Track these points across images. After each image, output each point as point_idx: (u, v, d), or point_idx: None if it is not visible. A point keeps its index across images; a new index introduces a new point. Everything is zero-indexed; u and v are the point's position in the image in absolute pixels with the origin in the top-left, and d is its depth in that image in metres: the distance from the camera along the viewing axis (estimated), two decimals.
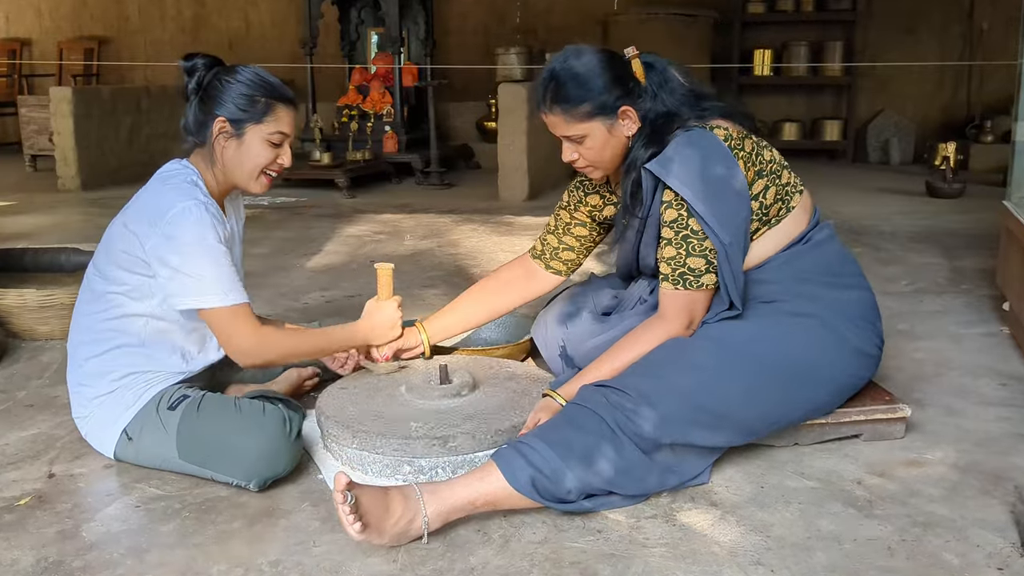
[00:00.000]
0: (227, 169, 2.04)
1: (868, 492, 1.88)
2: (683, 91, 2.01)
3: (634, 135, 2.00)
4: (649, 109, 1.99)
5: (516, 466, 1.71)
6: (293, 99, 2.07)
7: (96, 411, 2.01)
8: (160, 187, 1.99)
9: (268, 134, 2.01)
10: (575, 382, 1.98)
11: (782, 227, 2.05)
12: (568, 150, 2.05)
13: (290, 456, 1.92)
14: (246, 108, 1.99)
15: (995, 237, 4.24)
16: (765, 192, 2.00)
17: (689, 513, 1.79)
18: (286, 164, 2.08)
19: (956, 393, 2.42)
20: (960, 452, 2.06)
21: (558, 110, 1.97)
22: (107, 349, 2.00)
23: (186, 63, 2.03)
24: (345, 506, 1.57)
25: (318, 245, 4.52)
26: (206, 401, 1.97)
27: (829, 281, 2.06)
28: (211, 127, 2.00)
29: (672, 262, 1.95)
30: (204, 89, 2.01)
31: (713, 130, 1.95)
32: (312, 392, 2.44)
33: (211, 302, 1.92)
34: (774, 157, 2.05)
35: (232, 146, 2.01)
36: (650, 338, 1.96)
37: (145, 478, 1.97)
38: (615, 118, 1.97)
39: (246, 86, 1.99)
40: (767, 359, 1.91)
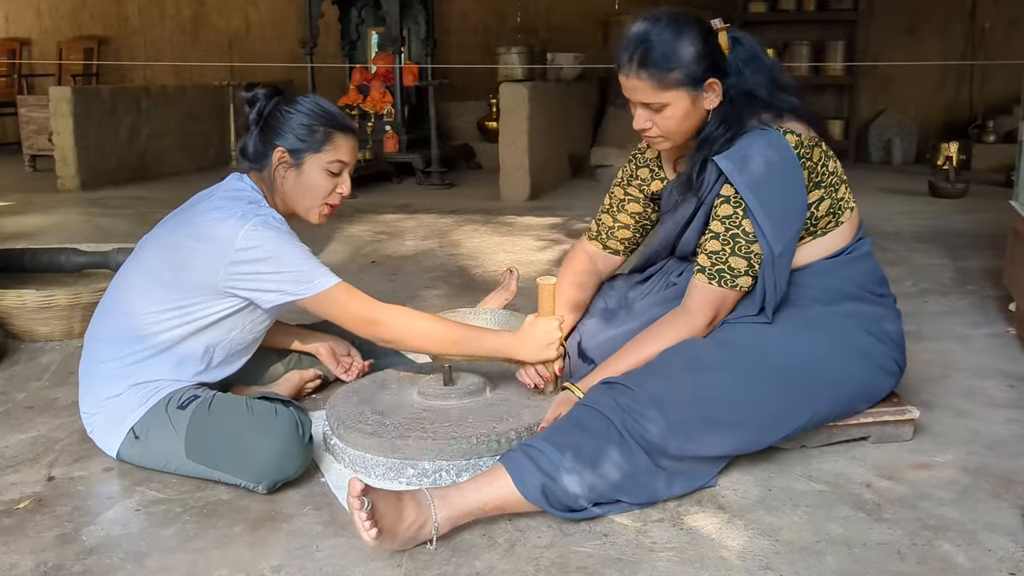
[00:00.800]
0: (287, 199, 2.06)
1: (877, 495, 1.85)
2: (765, 72, 1.95)
3: (714, 109, 1.93)
4: (732, 84, 1.93)
5: (526, 471, 1.69)
6: (353, 128, 2.09)
7: (106, 409, 1.99)
8: (222, 207, 1.97)
9: (327, 163, 2.03)
10: (594, 376, 1.96)
11: (826, 239, 2.01)
12: (642, 117, 1.95)
13: (301, 459, 1.90)
14: (305, 138, 2.01)
15: (1000, 237, 4.22)
16: (819, 204, 1.96)
17: (696, 517, 1.77)
18: (346, 193, 2.09)
19: (964, 395, 2.40)
20: (970, 454, 2.04)
21: (645, 75, 1.88)
22: (138, 356, 1.97)
23: (247, 94, 2.06)
24: (362, 512, 1.55)
25: (319, 245, 4.50)
26: (217, 401, 1.95)
27: (860, 295, 2.03)
28: (271, 157, 2.02)
29: (714, 256, 1.91)
30: (265, 119, 2.04)
31: (786, 135, 1.90)
32: (314, 394, 2.43)
33: (321, 284, 1.92)
34: (836, 169, 2.00)
35: (291, 176, 2.03)
36: (672, 333, 1.93)
37: (146, 481, 1.95)
38: (700, 90, 1.90)
39: (305, 116, 2.02)
40: (783, 368, 1.87)
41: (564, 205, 5.48)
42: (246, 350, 2.13)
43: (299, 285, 1.93)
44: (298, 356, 2.44)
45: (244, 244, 1.90)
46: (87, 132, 6.52)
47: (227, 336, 2.04)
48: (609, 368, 1.96)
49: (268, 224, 1.93)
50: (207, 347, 2.03)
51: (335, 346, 2.41)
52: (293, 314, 2.48)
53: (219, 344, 2.04)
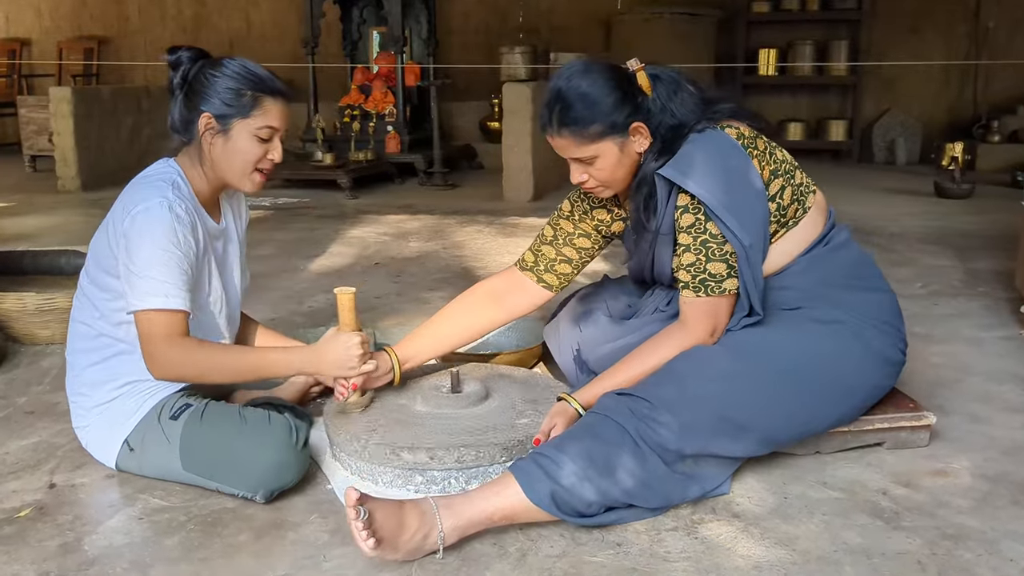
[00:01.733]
0: (216, 167, 1.95)
1: (894, 503, 1.82)
2: (692, 100, 1.93)
3: (645, 150, 1.92)
4: (660, 123, 1.91)
5: (535, 479, 1.66)
6: (283, 91, 1.96)
7: (96, 421, 1.96)
8: (134, 186, 1.93)
9: (256, 129, 1.92)
10: (592, 388, 1.93)
11: (800, 229, 1.99)
12: (577, 172, 1.96)
13: (297, 467, 1.86)
14: (232, 102, 1.89)
15: (1009, 238, 4.20)
16: (782, 192, 1.94)
17: (711, 525, 1.73)
18: (277, 160, 1.97)
19: (979, 399, 2.36)
20: (987, 461, 2.00)
21: (567, 132, 1.88)
22: (106, 357, 1.94)
23: (170, 56, 1.94)
24: (358, 522, 1.52)
25: (322, 247, 4.46)
26: (209, 410, 1.91)
27: (851, 284, 2.01)
28: (197, 123, 1.92)
29: (692, 268, 1.88)
30: (189, 84, 1.93)
31: (724, 130, 1.90)
32: (319, 399, 2.39)
33: (148, 303, 1.79)
34: (785, 157, 1.99)
35: (219, 143, 1.92)
36: (672, 346, 1.90)
37: (149, 488, 1.91)
38: (626, 135, 1.89)
39: (231, 79, 1.90)
40: (791, 367, 1.85)
41: None
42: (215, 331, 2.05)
43: (131, 290, 1.82)
44: None
45: (134, 217, 1.82)
46: (88, 133, 6.48)
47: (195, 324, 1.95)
48: (608, 379, 1.92)
49: (161, 209, 1.82)
50: None
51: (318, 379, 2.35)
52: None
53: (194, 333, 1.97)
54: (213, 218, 2.03)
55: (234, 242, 2.12)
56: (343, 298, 1.97)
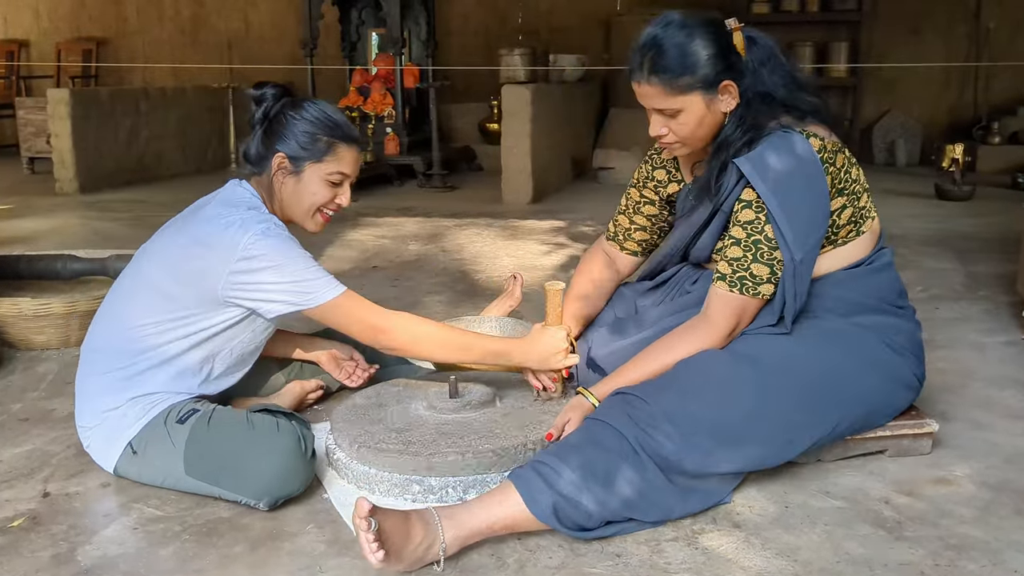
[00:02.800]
0: (284, 205, 2.02)
1: (897, 512, 1.80)
2: (783, 72, 1.89)
3: (731, 111, 1.88)
4: (749, 86, 1.87)
5: (536, 491, 1.64)
6: (357, 139, 2.04)
7: (103, 423, 1.93)
8: (223, 214, 1.92)
9: (327, 174, 1.99)
10: (609, 382, 1.92)
11: (846, 249, 1.96)
12: (657, 123, 1.90)
13: (304, 475, 1.85)
14: (307, 146, 1.96)
15: (1010, 241, 4.18)
16: (841, 212, 1.90)
17: (712, 536, 1.71)
18: (344, 204, 2.06)
19: (982, 405, 2.34)
20: (990, 469, 1.98)
21: (656, 80, 1.83)
22: (136, 368, 1.91)
23: (255, 92, 2.01)
24: (369, 533, 1.50)
25: (320, 250, 4.44)
26: (217, 415, 1.90)
27: (880, 307, 1.98)
28: (271, 161, 1.97)
29: (735, 263, 1.85)
30: (269, 122, 1.99)
31: (809, 138, 1.84)
32: (316, 405, 2.37)
33: (326, 294, 1.88)
34: (859, 177, 1.94)
35: (290, 183, 1.99)
36: (691, 342, 1.87)
37: (144, 497, 1.89)
38: (715, 93, 1.84)
39: (309, 123, 1.97)
40: (801, 382, 1.82)
41: (567, 208, 5.43)
42: (246, 360, 2.08)
43: (304, 296, 1.88)
44: (299, 365, 2.38)
45: (246, 253, 1.85)
46: (85, 134, 6.46)
47: (227, 346, 1.99)
48: (624, 376, 1.91)
49: (270, 232, 1.88)
50: (207, 358, 1.97)
51: (338, 352, 2.36)
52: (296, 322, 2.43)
53: (219, 355, 1.99)
54: None
55: None
56: (552, 293, 2.02)
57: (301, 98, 2.02)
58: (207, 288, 1.88)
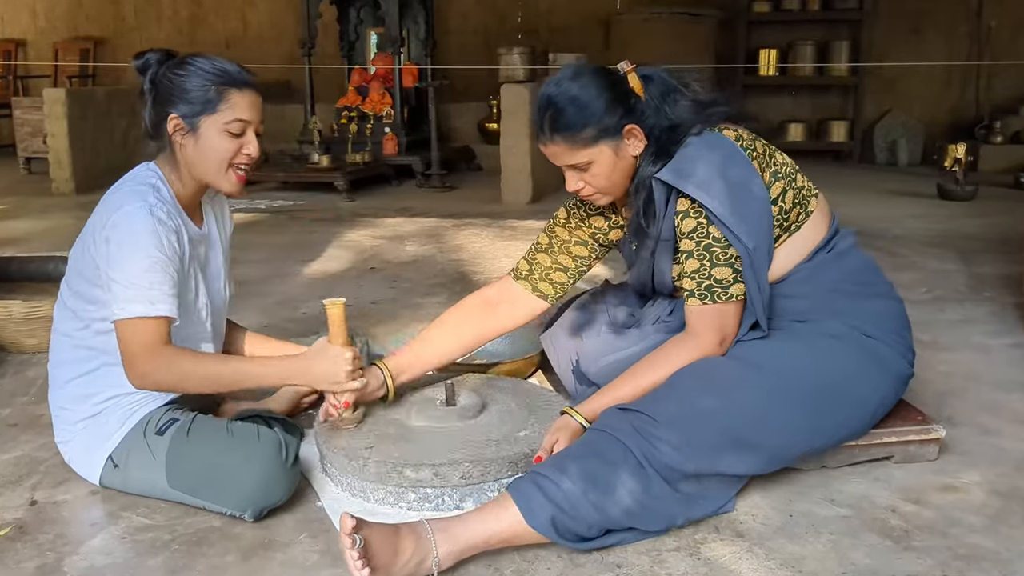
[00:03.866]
0: (191, 168, 1.89)
1: (904, 521, 1.76)
2: (686, 100, 1.88)
3: (640, 153, 1.87)
4: (654, 124, 1.86)
5: (535, 503, 1.59)
6: (249, 82, 1.88)
7: (79, 436, 1.89)
8: (114, 192, 1.86)
9: (225, 124, 1.85)
10: (595, 400, 1.87)
11: (803, 233, 1.93)
12: (573, 179, 1.90)
13: (286, 484, 1.80)
14: (196, 100, 1.84)
15: (1013, 241, 4.14)
16: (783, 195, 1.88)
17: (714, 545, 1.67)
18: (253, 154, 1.90)
19: (988, 410, 2.30)
20: (999, 476, 1.94)
21: (559, 139, 1.83)
22: (89, 370, 1.88)
23: (137, 61, 1.89)
24: (354, 551, 1.45)
25: (317, 251, 4.40)
26: (196, 425, 1.85)
27: (857, 291, 1.95)
28: (166, 126, 1.86)
29: (696, 275, 1.82)
30: (156, 87, 1.88)
31: (722, 132, 1.84)
32: (311, 410, 2.32)
33: (131, 311, 1.73)
34: (786, 160, 1.94)
35: (190, 143, 1.86)
36: (680, 357, 1.83)
37: (132, 506, 1.85)
38: (620, 139, 1.84)
39: (195, 76, 1.84)
40: (800, 382, 1.78)
41: None
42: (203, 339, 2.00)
43: (114, 298, 1.76)
44: None
45: (115, 223, 1.76)
46: (82, 134, 6.41)
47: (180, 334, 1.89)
48: (612, 392, 1.86)
49: (137, 215, 1.76)
50: None
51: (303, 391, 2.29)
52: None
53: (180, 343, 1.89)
54: (195, 223, 1.96)
55: (217, 248, 2.06)
56: (332, 310, 1.90)
57: (184, 55, 1.90)
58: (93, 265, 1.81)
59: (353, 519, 1.46)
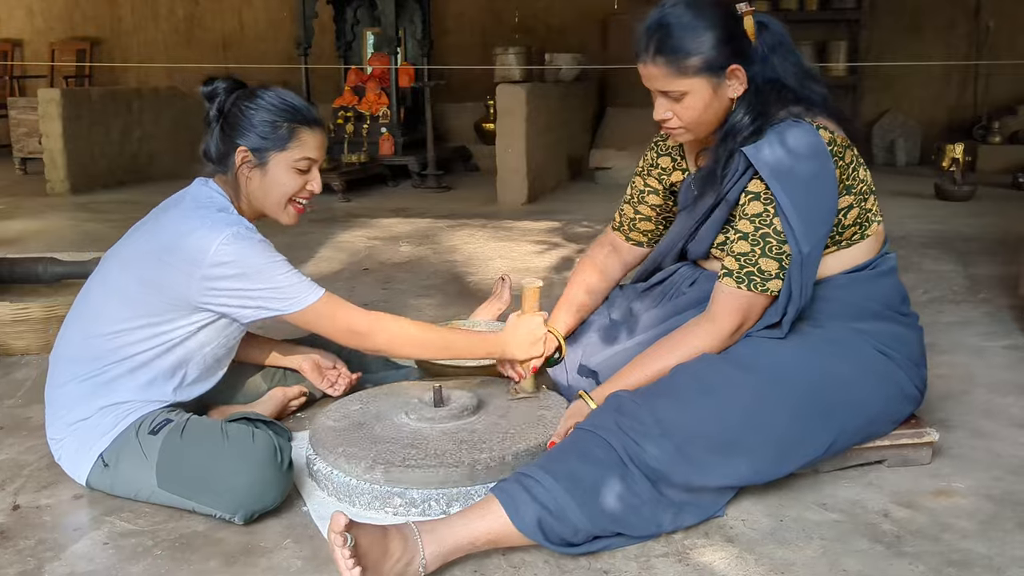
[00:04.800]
0: (253, 200, 1.95)
1: (896, 526, 1.73)
2: (794, 60, 1.84)
3: (738, 98, 1.82)
4: (757, 72, 1.81)
5: (521, 504, 1.57)
6: (319, 120, 1.95)
7: (73, 435, 1.87)
8: (191, 217, 1.85)
9: (294, 161, 1.91)
10: (608, 386, 1.85)
11: (850, 252, 1.90)
12: (662, 107, 1.84)
13: (280, 488, 1.78)
14: (268, 136, 1.88)
15: (1011, 242, 4.12)
16: (848, 211, 1.84)
17: (704, 551, 1.65)
18: (316, 191, 1.99)
19: (983, 413, 2.28)
20: (993, 480, 1.92)
21: (662, 61, 1.77)
22: (105, 376, 1.85)
23: (206, 88, 1.93)
24: (345, 549, 1.44)
25: (311, 252, 4.38)
26: (190, 426, 1.83)
27: (882, 313, 1.91)
28: (233, 157, 1.89)
29: (743, 258, 1.79)
30: (225, 117, 1.91)
31: (819, 129, 1.78)
32: (298, 413, 2.31)
33: (305, 300, 1.83)
34: (866, 178, 1.88)
35: (256, 176, 1.91)
36: (696, 342, 1.81)
37: (116, 510, 1.83)
38: (723, 77, 1.78)
39: (266, 111, 1.88)
40: (799, 391, 1.75)
41: (563, 208, 5.37)
42: (220, 364, 2.01)
43: (281, 301, 1.82)
44: (282, 372, 2.32)
45: (218, 259, 1.78)
46: (77, 135, 6.40)
47: (200, 351, 1.92)
48: (625, 379, 1.85)
49: (241, 236, 1.81)
50: (179, 364, 1.90)
51: (320, 359, 2.29)
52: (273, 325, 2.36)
53: (192, 360, 1.92)
54: None
55: None
56: (529, 291, 2.05)
57: (254, 87, 1.94)
58: (177, 294, 1.81)
59: (345, 518, 1.45)
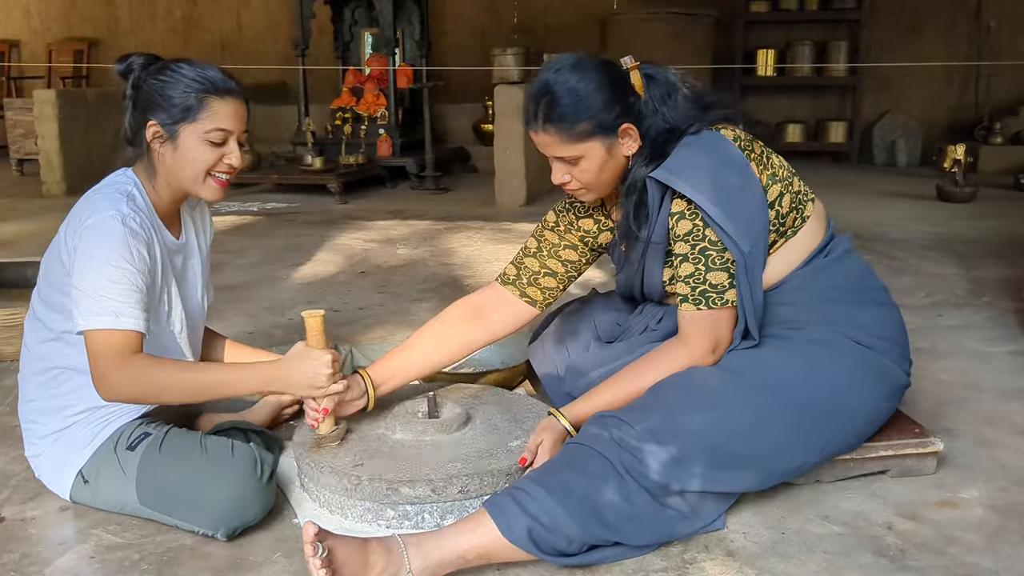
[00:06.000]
0: (169, 176, 1.82)
1: (900, 539, 1.70)
2: (687, 104, 1.81)
3: (634, 154, 1.81)
4: (650, 125, 1.80)
5: (511, 515, 1.53)
6: (231, 89, 1.81)
7: (49, 450, 1.83)
8: (87, 198, 1.79)
9: (205, 133, 1.78)
10: (582, 403, 1.82)
11: (799, 239, 1.87)
12: (560, 171, 1.83)
13: (261, 503, 1.73)
14: (176, 107, 1.77)
15: (1013, 244, 4.08)
16: (780, 199, 1.82)
17: (704, 565, 1.61)
18: (235, 164, 1.84)
19: (987, 421, 2.24)
20: (998, 490, 1.88)
21: (552, 129, 1.76)
22: (60, 383, 1.81)
23: (120, 65, 1.83)
24: (316, 559, 1.40)
25: (307, 254, 4.34)
26: (169, 440, 1.78)
27: (853, 298, 1.88)
28: (144, 133, 1.80)
29: (691, 280, 1.75)
30: (137, 92, 1.81)
31: (720, 131, 1.78)
32: (292, 421, 2.26)
33: (96, 322, 1.65)
34: (783, 163, 1.88)
35: (168, 151, 1.80)
36: (670, 364, 1.77)
37: (103, 523, 1.79)
38: (615, 137, 1.78)
39: (176, 83, 1.77)
40: (791, 393, 1.72)
41: None
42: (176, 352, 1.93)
43: (78, 309, 1.67)
44: None
45: (85, 231, 1.69)
46: (72, 136, 6.35)
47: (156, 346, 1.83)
48: (598, 396, 1.81)
49: (108, 223, 1.69)
50: None
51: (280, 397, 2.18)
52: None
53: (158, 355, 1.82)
54: (172, 232, 1.90)
55: (195, 257, 1.99)
56: (311, 322, 1.81)
57: (168, 60, 1.83)
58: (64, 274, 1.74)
59: (315, 526, 1.41)
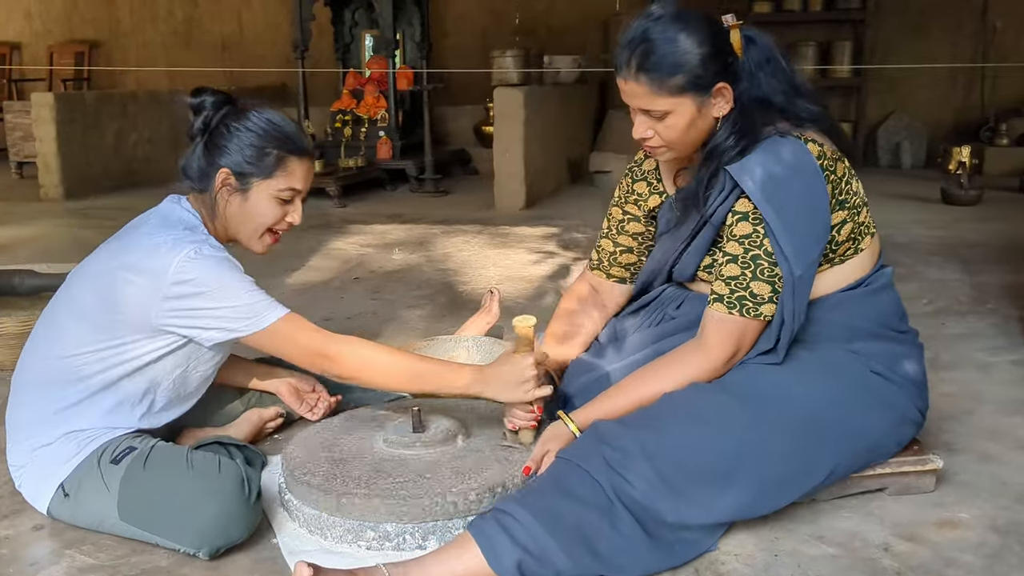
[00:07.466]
0: (228, 225, 1.85)
1: (896, 561, 1.64)
2: (782, 76, 1.74)
3: (723, 117, 1.72)
4: (744, 90, 1.72)
5: (499, 545, 1.48)
6: (309, 150, 1.85)
7: (33, 461, 1.78)
8: (155, 236, 1.76)
9: (277, 191, 1.81)
10: (589, 409, 1.76)
11: (845, 268, 1.81)
12: (642, 125, 1.74)
13: (247, 522, 1.69)
14: (254, 161, 1.78)
15: (1019, 249, 4.02)
16: (841, 227, 1.75)
17: None
18: (295, 223, 1.88)
19: (989, 435, 2.18)
20: (999, 509, 1.82)
21: (644, 79, 1.67)
22: (66, 401, 1.76)
23: (193, 100, 1.82)
24: None
25: (301, 260, 4.29)
26: (155, 454, 1.74)
27: (878, 332, 1.82)
28: (214, 178, 1.79)
29: (733, 282, 1.69)
30: (210, 133, 1.80)
31: (807, 144, 1.69)
32: (275, 435, 2.22)
33: (265, 319, 1.71)
34: (859, 190, 1.79)
35: (236, 201, 1.81)
36: (684, 369, 1.72)
37: (78, 543, 1.74)
38: (708, 96, 1.69)
39: (256, 135, 1.78)
40: (795, 419, 1.65)
41: (561, 214, 5.27)
42: (195, 392, 1.92)
43: (242, 321, 1.72)
44: (258, 393, 2.23)
45: (178, 277, 1.69)
46: (71, 139, 6.32)
47: (170, 376, 1.83)
48: (608, 403, 1.75)
49: (203, 253, 1.71)
50: (147, 389, 1.82)
51: (298, 383, 2.20)
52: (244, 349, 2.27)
53: (161, 385, 1.83)
54: None
55: None
56: (523, 330, 1.81)
57: (244, 104, 1.84)
58: (139, 315, 1.73)
59: (308, 568, 1.37)
